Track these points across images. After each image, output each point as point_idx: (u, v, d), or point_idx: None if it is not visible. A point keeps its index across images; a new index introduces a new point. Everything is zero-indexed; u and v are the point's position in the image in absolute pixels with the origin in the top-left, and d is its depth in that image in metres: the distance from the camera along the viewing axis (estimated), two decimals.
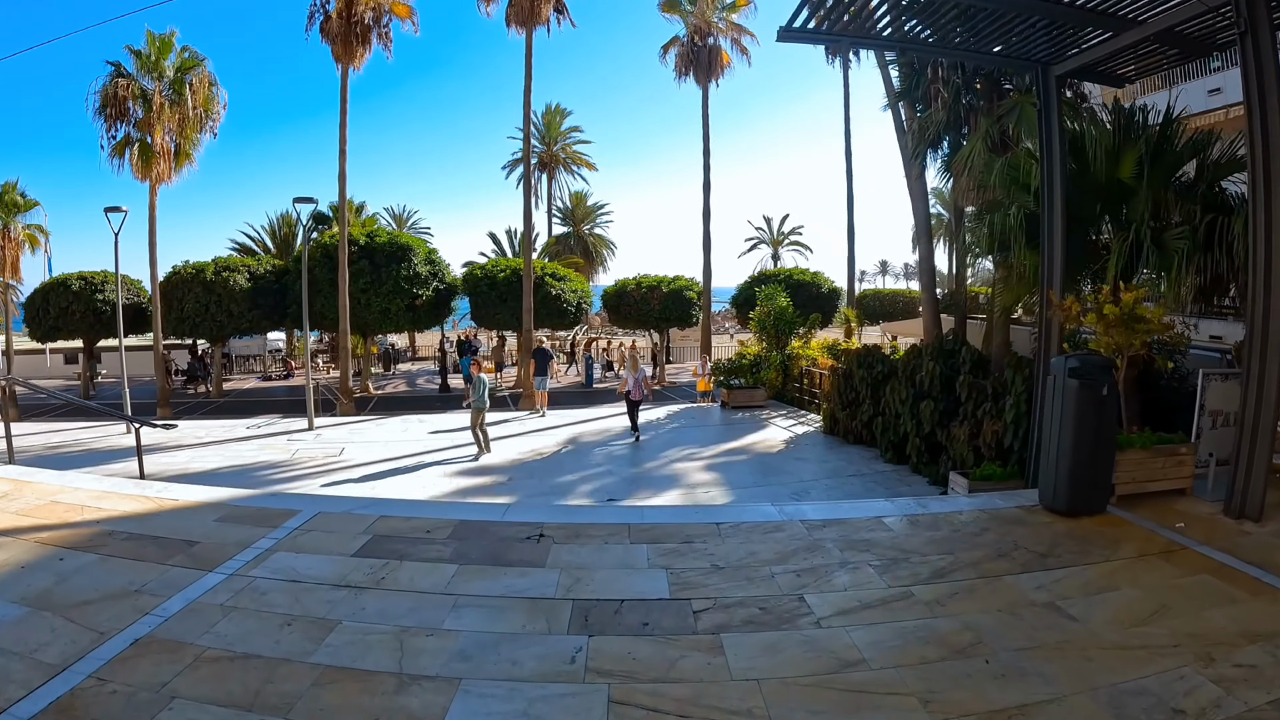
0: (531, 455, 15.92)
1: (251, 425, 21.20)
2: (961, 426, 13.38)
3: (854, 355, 16.89)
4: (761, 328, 22.79)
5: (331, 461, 15.88)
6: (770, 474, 14.20)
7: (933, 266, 18.92)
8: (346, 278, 29.07)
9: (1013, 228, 11.18)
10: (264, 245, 50.24)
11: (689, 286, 34.64)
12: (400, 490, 13.30)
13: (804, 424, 19.08)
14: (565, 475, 14.12)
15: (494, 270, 34.12)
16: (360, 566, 6.11)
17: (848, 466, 14.87)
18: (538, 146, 62.55)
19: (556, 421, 20.05)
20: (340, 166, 29.33)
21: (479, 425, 15.97)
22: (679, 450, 16.15)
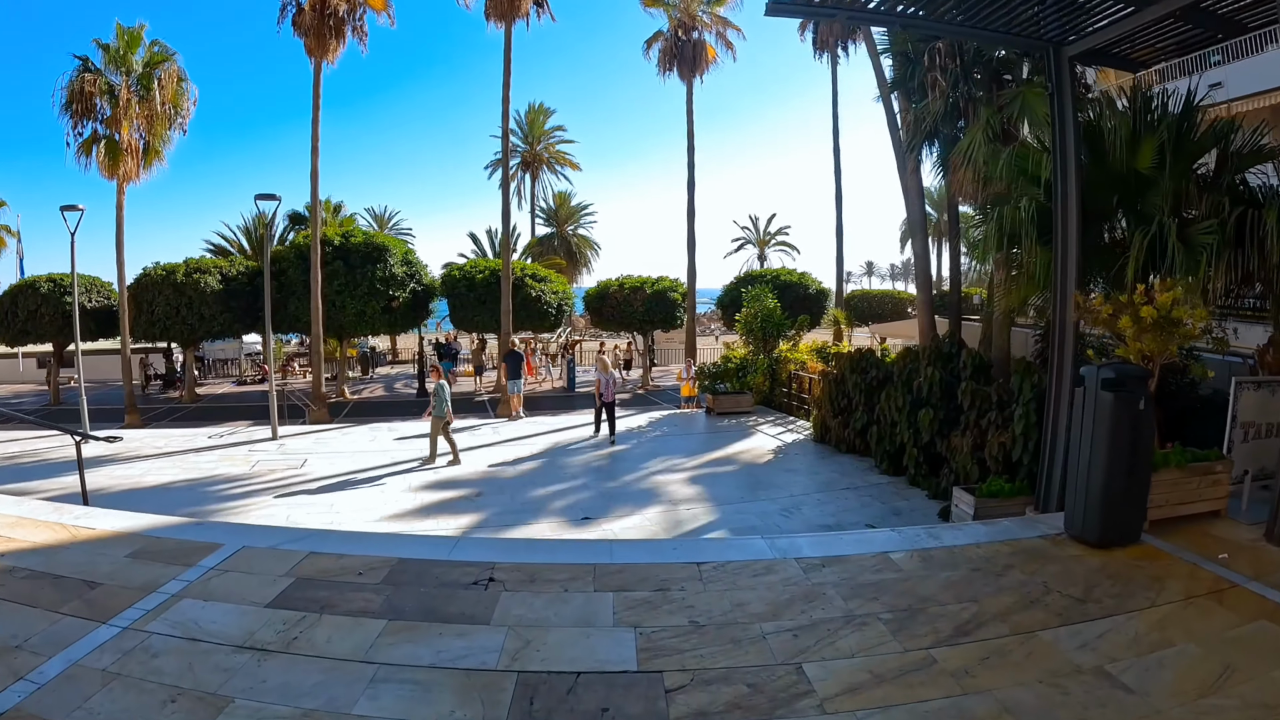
0: (504, 466, 14.92)
1: (214, 434, 20.11)
2: (964, 437, 12.46)
3: (846, 360, 15.96)
4: (748, 330, 21.83)
5: (291, 475, 14.83)
6: (758, 487, 13.24)
7: (928, 265, 18.03)
8: (320, 279, 27.97)
9: (1023, 221, 10.28)
10: (239, 246, 48.99)
11: (673, 287, 33.66)
12: (358, 507, 12.31)
13: (793, 431, 18.13)
14: (538, 489, 13.12)
15: (472, 271, 33.05)
16: (273, 621, 5.11)
17: (840, 478, 13.92)
18: (520, 146, 61.59)
19: (534, 429, 19.05)
20: (313, 164, 28.16)
21: (442, 434, 15.20)
22: (661, 460, 15.18)
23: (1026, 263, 10.37)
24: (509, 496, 12.65)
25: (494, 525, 11.17)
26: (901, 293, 51.04)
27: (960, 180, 15.42)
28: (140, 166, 27.55)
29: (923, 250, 17.66)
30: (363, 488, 13.70)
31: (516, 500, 12.45)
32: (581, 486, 13.24)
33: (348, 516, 11.85)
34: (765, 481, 13.62)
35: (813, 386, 19.28)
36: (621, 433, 18.09)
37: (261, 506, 12.68)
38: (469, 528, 11.08)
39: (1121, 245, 10.65)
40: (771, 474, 14.19)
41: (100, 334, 33.37)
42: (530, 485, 13.38)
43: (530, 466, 14.90)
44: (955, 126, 16.34)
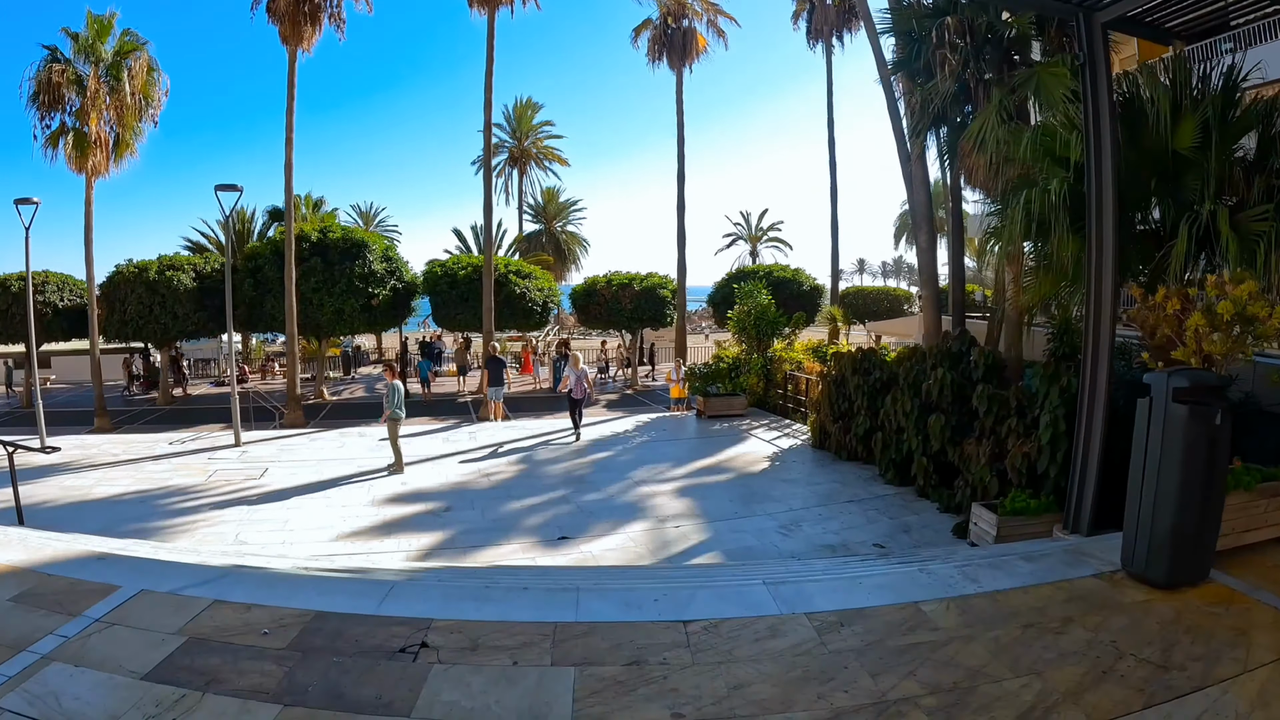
0: (478, 475, 13.76)
1: (176, 440, 18.91)
2: (979, 445, 11.37)
3: (848, 360, 14.85)
4: (741, 328, 20.71)
5: (248, 486, 13.65)
6: (753, 500, 12.10)
7: (934, 259, 16.93)
8: (294, 276, 26.74)
9: (1054, 205, 9.16)
10: (217, 242, 47.80)
11: (663, 284, 32.55)
12: (314, 523, 11.17)
13: (789, 436, 17.02)
14: (512, 502, 11.96)
15: (454, 268, 31.86)
16: (146, 699, 3.97)
17: (842, 489, 12.82)
18: (508, 141, 60.50)
19: (514, 434, 17.88)
20: (287, 156, 26.92)
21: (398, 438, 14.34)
22: (648, 469, 14.04)
23: (1056, 253, 9.25)
24: (479, 511, 11.50)
25: (459, 546, 10.01)
26: (897, 289, 50.11)
27: (971, 167, 14.37)
28: (110, 159, 26.35)
29: (928, 242, 16.57)
30: (322, 500, 12.55)
31: (487, 516, 11.30)
32: (560, 500, 12.09)
33: (300, 536, 10.72)
34: (761, 493, 12.49)
35: (810, 388, 18.18)
36: (606, 438, 17.01)
37: (210, 523, 11.52)
38: (430, 549, 9.93)
39: (1155, 235, 9.59)
40: (767, 484, 13.07)
41: (74, 334, 32.24)
42: (504, 498, 12.23)
43: (506, 476, 13.75)
44: (963, 111, 15.27)
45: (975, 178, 14.46)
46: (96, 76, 25.32)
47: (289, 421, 25.83)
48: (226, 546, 10.26)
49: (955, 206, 17.39)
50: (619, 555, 9.59)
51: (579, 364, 17.30)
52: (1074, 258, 9.37)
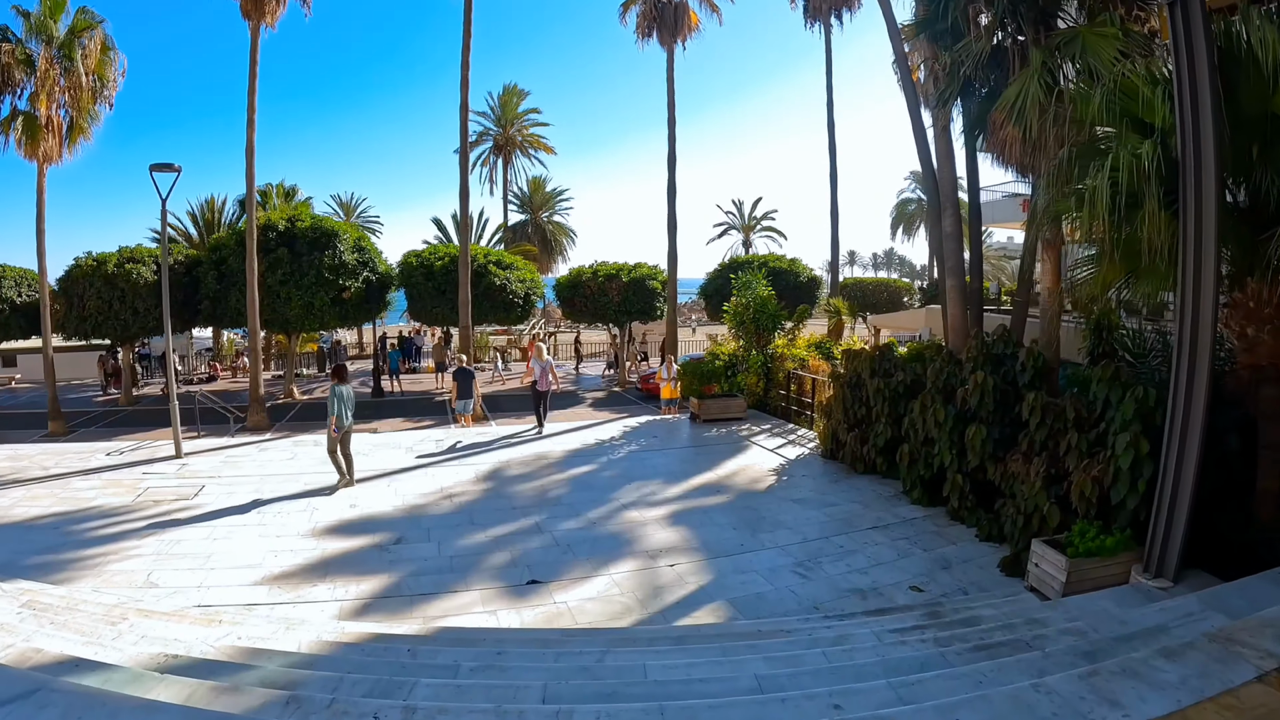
0: (440, 496, 11.87)
1: (114, 452, 16.95)
2: (1030, 463, 9.60)
3: (865, 360, 13.06)
4: (739, 322, 18.85)
5: (179, 507, 11.76)
6: (760, 527, 10.28)
7: (960, 245, 15.06)
8: (256, 268, 24.80)
9: (1147, 175, 7.35)
10: (185, 234, 45.75)
11: (652, 275, 30.70)
12: (239, 560, 9.34)
13: (795, 444, 15.22)
14: (476, 532, 10.09)
15: (431, 258, 29.94)
16: None
17: (863, 511, 11.03)
18: (493, 129, 58.64)
19: (486, 440, 15.98)
20: (248, 140, 24.97)
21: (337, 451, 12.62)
22: (636, 487, 12.20)
23: (1147, 234, 7.42)
24: (435, 545, 9.63)
25: (405, 595, 8.16)
26: (898, 281, 48.36)
27: (1003, 140, 12.59)
28: (63, 145, 24.30)
29: (954, 227, 14.72)
30: (256, 528, 10.67)
31: (444, 550, 9.43)
32: (532, 529, 10.21)
33: (220, 577, 8.87)
34: (769, 518, 10.66)
35: (816, 389, 16.39)
36: (589, 447, 15.17)
37: (123, 556, 9.65)
38: (370, 599, 8.08)
39: (1252, 214, 7.80)
40: (775, 506, 11.24)
41: (33, 331, 30.59)
42: (467, 525, 10.37)
43: (471, 496, 11.85)
44: (989, 80, 13.47)
45: (1010, 152, 12.64)
46: (49, 56, 23.29)
47: (251, 424, 23.96)
48: (130, 593, 8.46)
49: (973, 187, 15.56)
50: (601, 608, 7.76)
51: (543, 355, 16.84)
52: (1159, 239, 7.57)
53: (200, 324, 32.29)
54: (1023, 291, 16.60)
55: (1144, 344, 10.55)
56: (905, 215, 59.71)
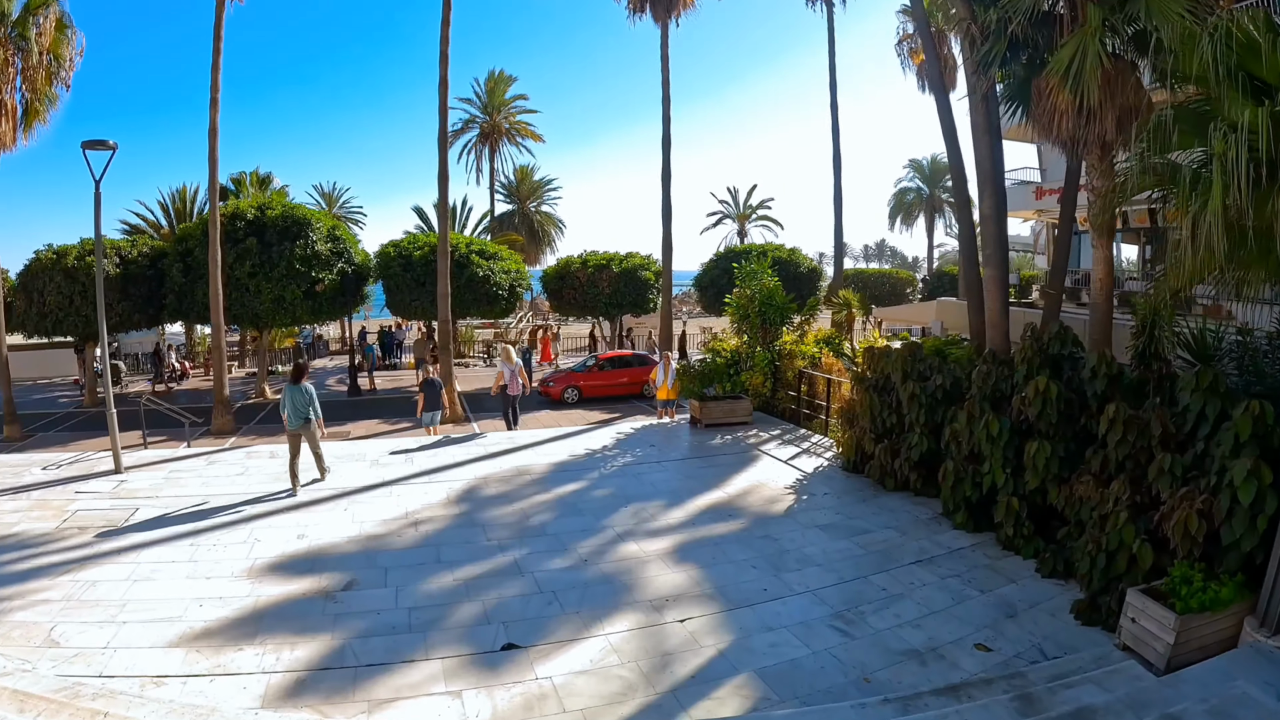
0: (403, 523, 10.11)
1: (50, 465, 15.12)
2: (1104, 487, 8.01)
3: (897, 360, 11.40)
4: (742, 315, 17.09)
5: (102, 539, 10.01)
6: (784, 565, 8.60)
7: (1003, 229, 13.27)
8: (220, 258, 22.98)
9: None
10: (156, 224, 43.72)
11: (645, 265, 29.02)
12: (157, 613, 7.64)
13: (811, 454, 13.56)
14: (442, 573, 8.36)
15: (410, 248, 28.11)
16: None
17: (901, 540, 9.39)
18: (479, 116, 56.75)
19: (460, 453, 14.13)
20: (211, 119, 23.05)
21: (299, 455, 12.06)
22: (633, 511, 10.49)
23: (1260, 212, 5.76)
24: (393, 591, 7.91)
25: (348, 667, 6.45)
26: (900, 272, 46.80)
27: (1051, 110, 10.91)
28: (18, 130, 22.40)
29: (994, 209, 12.96)
30: (186, 564, 8.93)
31: (403, 599, 7.73)
32: (510, 569, 8.49)
33: (132, 634, 7.18)
34: (793, 551, 8.98)
35: (832, 391, 14.73)
36: (579, 459, 13.46)
37: (30, 602, 7.92)
38: (304, 670, 6.38)
39: None
40: (799, 535, 9.56)
41: None
42: (432, 564, 8.64)
43: (439, 524, 10.09)
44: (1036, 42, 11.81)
45: (1059, 125, 10.96)
46: (2, 36, 21.42)
47: (216, 428, 22.20)
48: (25, 654, 6.80)
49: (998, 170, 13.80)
50: (595, 686, 6.07)
51: (512, 358, 15.95)
52: None
53: (166, 319, 30.41)
54: (1055, 284, 15.00)
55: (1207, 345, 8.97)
56: (904, 205, 58.02)
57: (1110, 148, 11.17)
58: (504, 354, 16.56)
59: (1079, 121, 10.73)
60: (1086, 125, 10.74)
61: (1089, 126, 10.73)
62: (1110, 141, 10.94)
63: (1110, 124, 10.65)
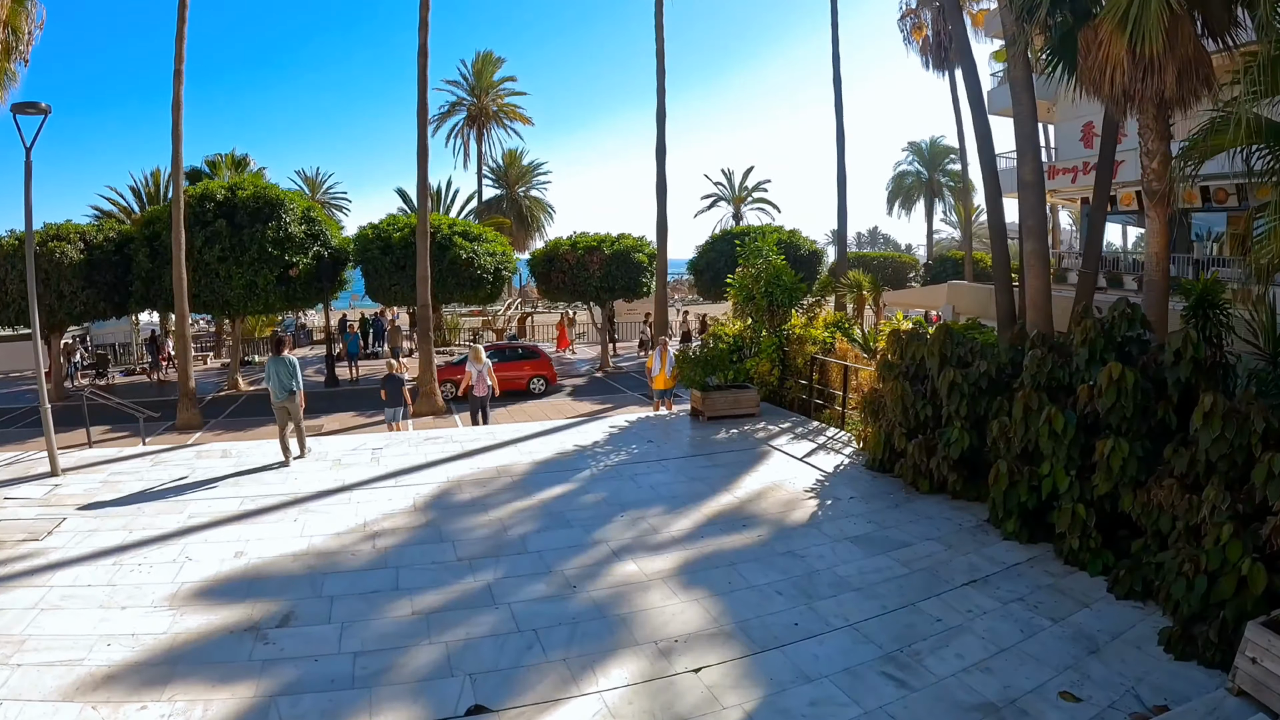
0: (358, 537, 8.57)
1: None
2: (1191, 493, 6.64)
3: (934, 344, 9.95)
4: (745, 297, 15.56)
5: (18, 554, 8.47)
6: (816, 589, 7.15)
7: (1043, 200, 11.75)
8: (183, 240, 21.47)
9: None
10: (127, 210, 42.06)
11: (638, 247, 27.51)
12: (52, 656, 6.18)
13: (828, 449, 12.12)
14: (398, 603, 6.84)
15: (389, 229, 26.52)
16: None
17: (948, 556, 7.96)
18: (466, 98, 55.07)
19: (433, 451, 12.50)
20: (175, 92, 21.56)
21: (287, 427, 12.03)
22: (630, 520, 9.00)
23: None
24: (337, 628, 6.44)
25: None
26: (902, 255, 45.42)
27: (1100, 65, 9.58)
28: None
29: (1036, 175, 11.44)
30: (104, 588, 7.44)
31: (348, 638, 6.25)
32: (482, 596, 6.99)
33: (24, 680, 5.79)
34: (825, 571, 7.53)
35: (849, 379, 13.30)
36: (568, 455, 11.98)
37: None
38: None
39: None
40: (828, 550, 8.10)
41: None
42: (387, 591, 7.13)
43: (400, 538, 8.54)
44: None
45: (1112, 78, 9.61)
46: None
47: (181, 423, 20.78)
48: None
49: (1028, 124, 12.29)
50: None
51: (481, 358, 15.29)
52: None
53: (133, 308, 28.83)
54: (1090, 264, 13.65)
55: None
56: (903, 189, 56.50)
57: (1168, 105, 10.00)
58: (473, 354, 15.67)
59: (1134, 74, 9.49)
60: (1144, 79, 9.51)
61: (1146, 80, 9.54)
62: (1170, 98, 9.79)
63: (1170, 78, 9.43)
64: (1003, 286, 14.30)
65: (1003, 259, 14.46)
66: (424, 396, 21.15)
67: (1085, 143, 22.55)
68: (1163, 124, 10.46)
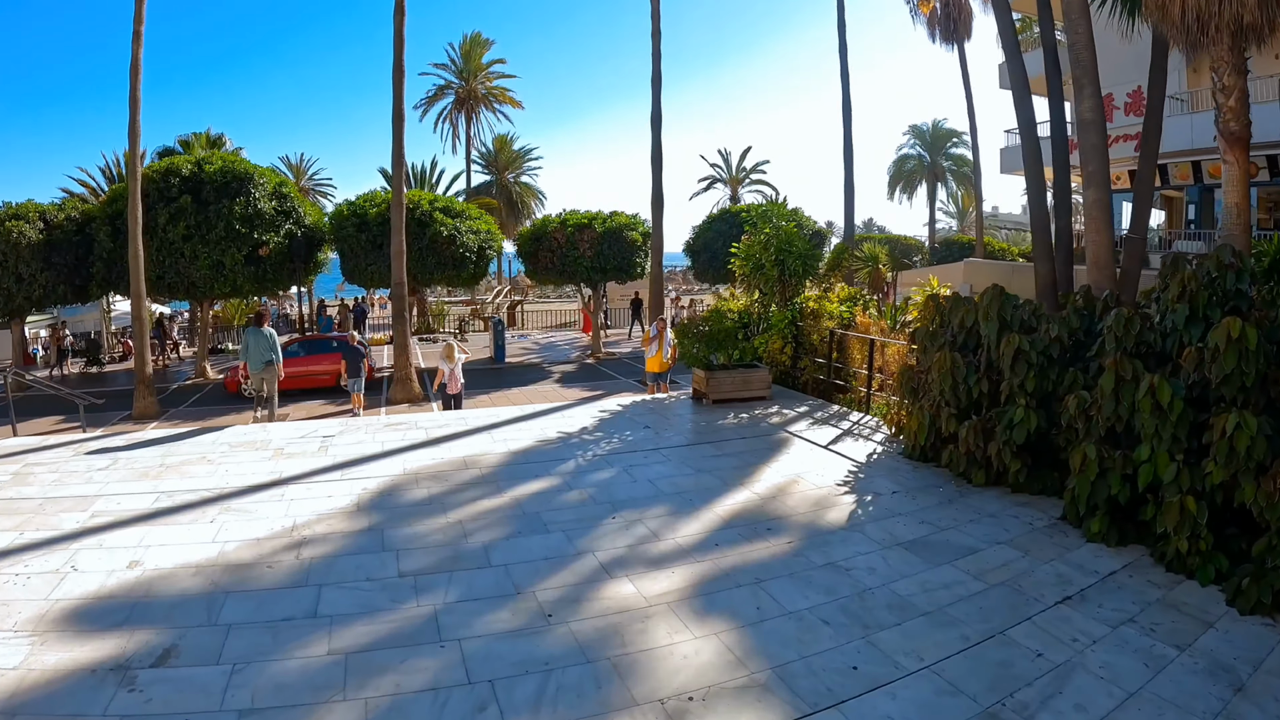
0: (284, 543, 6.76)
1: None
2: None
3: (991, 302, 8.29)
4: (753, 267, 13.78)
5: None
6: (870, 617, 5.40)
7: (1104, 138, 10.04)
8: (139, 213, 19.83)
9: None
10: (95, 191, 40.28)
11: (631, 225, 25.79)
12: None
13: (854, 435, 10.44)
14: (314, 638, 5.09)
15: (365, 206, 24.75)
16: None
17: (1027, 564, 6.29)
18: (455, 82, 53.35)
19: (397, 439, 10.75)
20: (134, 53, 19.81)
21: None
22: (623, 523, 7.26)
23: None
24: (226, 670, 4.70)
25: None
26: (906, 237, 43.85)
27: None
28: None
29: (1097, 113, 9.72)
30: None
31: (237, 687, 4.51)
32: (423, 629, 5.16)
33: None
34: (877, 590, 5.79)
35: (876, 355, 11.66)
36: (549, 445, 10.18)
37: None
38: None
39: None
40: (878, 560, 6.35)
41: None
42: (301, 620, 5.35)
43: (332, 546, 6.76)
44: None
45: (1181, 5, 8.18)
46: None
47: (137, 413, 19.15)
48: None
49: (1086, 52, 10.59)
50: None
51: (453, 356, 14.90)
52: None
53: (94, 291, 27.08)
54: (1139, 227, 12.10)
55: None
56: (904, 173, 55.06)
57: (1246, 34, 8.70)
58: (445, 351, 15.14)
59: None
60: (1221, 5, 8.08)
61: (1223, 5, 8.10)
62: (1250, 24, 8.41)
63: None
64: (1044, 254, 12.74)
65: (1043, 222, 12.86)
66: (399, 383, 19.46)
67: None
68: (1239, 56, 9.19)
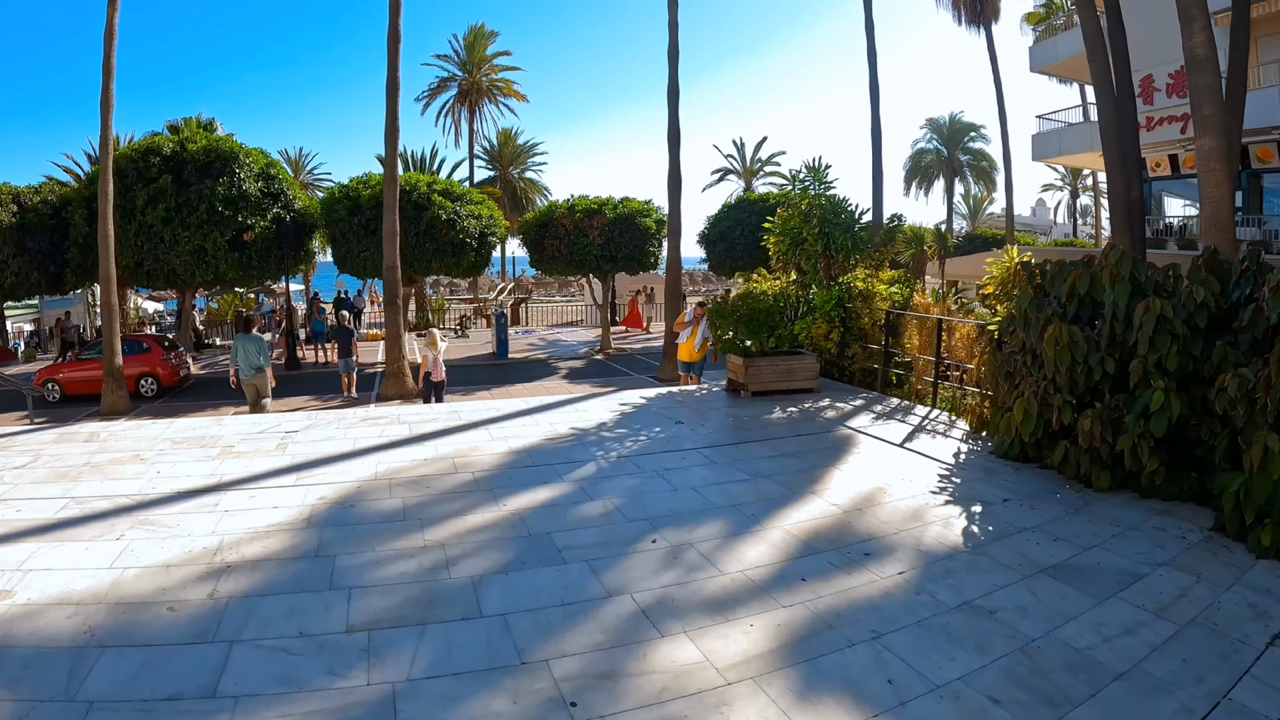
0: (201, 569, 4.91)
1: None
2: None
3: (1122, 263, 6.52)
4: (793, 242, 11.93)
5: None
6: (1051, 688, 3.58)
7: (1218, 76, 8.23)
8: (110, 190, 18.24)
9: None
10: (78, 176, 38.75)
11: (644, 211, 24.10)
12: None
13: (929, 431, 8.65)
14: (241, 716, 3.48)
15: (358, 188, 23.05)
16: None
17: (1208, 592, 4.55)
18: (458, 74, 51.79)
19: (375, 435, 8.87)
20: (109, 19, 18.28)
21: None
22: (664, 550, 5.40)
23: None
24: None
25: None
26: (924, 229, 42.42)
27: None
28: None
29: (1209, 49, 7.76)
30: None
31: None
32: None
33: None
34: (1044, 644, 3.96)
35: (947, 336, 9.92)
36: (561, 443, 8.32)
37: None
38: None
39: None
40: (1025, 597, 4.55)
41: None
42: (190, 703, 3.57)
43: (259, 578, 4.85)
44: None
45: None
46: None
47: (106, 406, 17.57)
48: None
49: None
50: None
51: (437, 344, 14.37)
52: None
53: (70, 280, 25.44)
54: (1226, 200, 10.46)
55: None
56: (920, 168, 53.63)
57: None
58: (429, 339, 14.57)
59: None
60: None
61: None
62: None
63: None
64: (1122, 225, 11.09)
65: (1123, 188, 11.17)
66: (391, 378, 17.77)
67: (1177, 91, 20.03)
68: None
